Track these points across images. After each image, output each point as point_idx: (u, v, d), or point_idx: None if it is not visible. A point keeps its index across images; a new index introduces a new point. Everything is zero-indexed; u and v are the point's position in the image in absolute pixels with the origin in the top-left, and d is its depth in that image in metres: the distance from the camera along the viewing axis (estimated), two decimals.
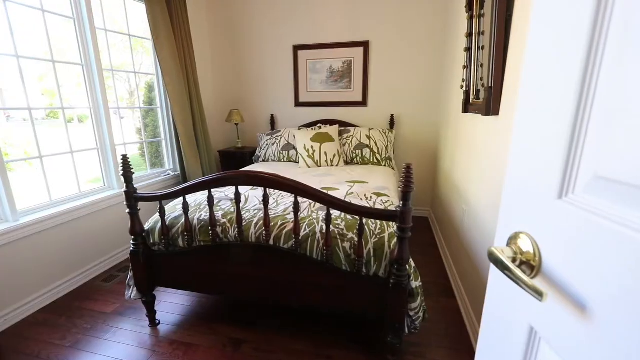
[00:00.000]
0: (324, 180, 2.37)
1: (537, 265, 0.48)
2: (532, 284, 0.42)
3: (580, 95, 0.41)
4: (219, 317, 1.90)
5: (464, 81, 1.95)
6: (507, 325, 0.54)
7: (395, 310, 1.39)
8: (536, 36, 0.50)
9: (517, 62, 1.33)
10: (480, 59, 1.83)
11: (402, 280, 1.35)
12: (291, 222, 1.57)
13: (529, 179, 0.50)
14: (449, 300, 2.06)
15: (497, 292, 0.57)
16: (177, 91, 2.87)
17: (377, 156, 2.99)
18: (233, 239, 1.60)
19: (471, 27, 1.86)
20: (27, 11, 1.99)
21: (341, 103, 3.43)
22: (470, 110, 1.92)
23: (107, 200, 2.43)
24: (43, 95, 2.29)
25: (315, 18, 3.31)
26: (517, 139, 0.53)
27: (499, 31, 1.44)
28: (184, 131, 2.96)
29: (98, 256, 2.41)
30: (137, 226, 1.68)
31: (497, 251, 0.49)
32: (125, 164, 1.59)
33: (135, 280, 1.75)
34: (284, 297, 1.59)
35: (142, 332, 1.80)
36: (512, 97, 1.37)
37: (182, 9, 2.92)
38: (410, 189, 1.26)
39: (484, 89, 1.59)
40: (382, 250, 1.43)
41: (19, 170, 2.10)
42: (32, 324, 1.86)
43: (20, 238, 1.89)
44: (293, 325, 1.81)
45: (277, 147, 3.22)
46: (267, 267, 1.56)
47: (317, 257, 1.50)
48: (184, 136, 2.97)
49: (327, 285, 1.49)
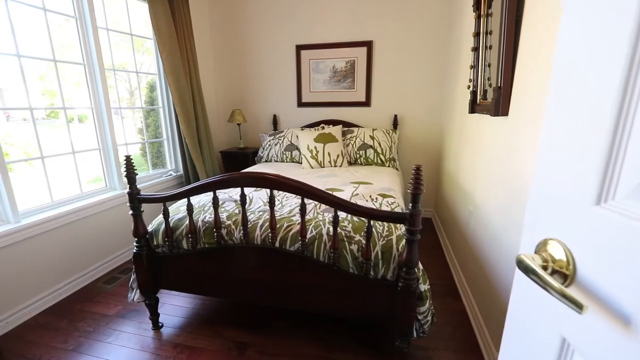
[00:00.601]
0: (329, 181, 2.35)
1: (570, 274, 0.45)
2: (571, 295, 0.40)
3: (622, 98, 0.39)
4: (223, 320, 1.88)
5: (471, 81, 1.93)
6: (535, 335, 0.52)
7: (403, 314, 1.37)
8: (568, 36, 0.48)
9: (528, 62, 1.31)
10: (487, 59, 1.81)
11: (411, 284, 1.33)
12: (297, 224, 1.54)
13: (560, 184, 0.48)
14: (454, 302, 2.04)
15: (523, 300, 0.55)
16: (180, 91, 2.85)
17: (381, 157, 2.96)
18: (238, 241, 1.58)
19: (479, 26, 1.84)
20: (28, 10, 1.97)
21: (344, 103, 3.41)
22: (477, 110, 1.90)
23: (109, 201, 2.40)
24: (43, 95, 2.26)
25: (318, 17, 3.29)
26: (545, 144, 0.51)
27: (509, 31, 1.42)
28: (188, 132, 2.94)
29: (99, 258, 2.38)
30: (140, 228, 1.66)
31: (527, 259, 0.47)
32: (128, 164, 1.57)
33: (139, 282, 1.73)
34: (290, 301, 1.57)
35: (145, 335, 1.78)
36: (522, 97, 1.35)
37: (184, 8, 2.90)
38: (420, 191, 1.24)
39: (492, 89, 1.57)
40: (390, 252, 1.41)
41: (19, 170, 2.07)
42: (34, 327, 1.84)
43: (22, 240, 1.86)
44: (299, 328, 1.79)
45: (280, 148, 3.19)
46: (273, 270, 1.54)
47: (324, 260, 1.47)
48: (188, 136, 2.94)
49: (334, 288, 1.47)
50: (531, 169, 1.23)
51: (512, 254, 1.34)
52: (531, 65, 1.25)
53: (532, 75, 1.24)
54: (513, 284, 0.58)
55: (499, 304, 1.46)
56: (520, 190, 1.31)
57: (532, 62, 1.26)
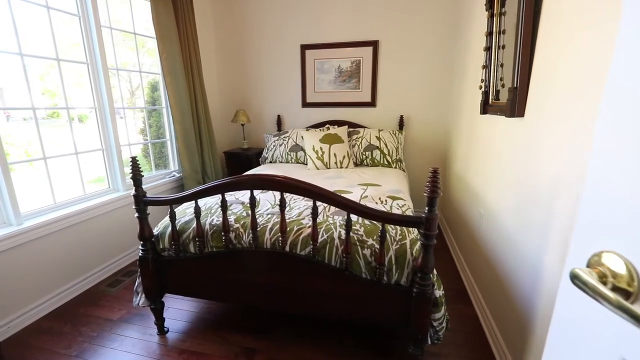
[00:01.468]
0: (336, 183, 2.31)
1: (635, 292, 0.42)
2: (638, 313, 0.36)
3: None
4: (229, 325, 1.84)
5: (483, 81, 1.89)
6: (588, 355, 0.48)
7: (418, 320, 1.33)
8: (630, 32, 0.44)
9: (546, 61, 1.27)
10: (500, 59, 1.77)
11: (427, 290, 1.29)
12: (307, 228, 1.51)
13: (622, 193, 0.44)
14: (465, 307, 2.00)
15: (574, 317, 0.51)
16: (178, 92, 2.81)
17: (388, 158, 2.93)
18: (247, 244, 1.54)
19: (491, 25, 1.80)
20: (31, 8, 1.93)
21: (349, 104, 3.37)
22: (489, 111, 1.86)
23: (112, 203, 2.36)
24: (43, 94, 2.22)
25: (323, 17, 3.25)
26: (601, 151, 0.47)
27: (526, 28, 1.38)
28: (181, 133, 2.89)
29: (102, 260, 2.34)
30: (146, 231, 1.62)
31: (584, 274, 0.43)
32: (134, 166, 1.53)
33: (144, 286, 1.69)
34: (301, 306, 1.53)
35: (150, 340, 1.74)
36: (540, 98, 1.31)
37: (188, 7, 2.86)
38: (437, 194, 1.20)
39: (507, 89, 1.53)
40: (404, 257, 1.37)
41: (19, 170, 2.02)
42: (37, 332, 1.80)
43: (24, 242, 1.82)
44: (308, 334, 1.75)
45: (285, 148, 3.15)
46: (283, 274, 1.50)
47: (336, 265, 1.43)
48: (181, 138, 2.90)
49: (346, 293, 1.43)
50: (552, 170, 1.19)
51: (531, 258, 1.30)
52: (553, 64, 1.21)
53: (554, 75, 1.20)
54: (558, 299, 0.54)
55: (515, 310, 1.42)
56: (539, 192, 1.28)
57: (553, 61, 1.22)
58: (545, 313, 1.18)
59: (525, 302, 1.34)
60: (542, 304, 1.21)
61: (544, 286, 1.20)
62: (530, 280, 1.29)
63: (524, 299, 1.35)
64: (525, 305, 1.34)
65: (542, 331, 1.20)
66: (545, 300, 1.19)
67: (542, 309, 1.20)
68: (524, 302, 1.34)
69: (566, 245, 1.05)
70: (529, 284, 1.31)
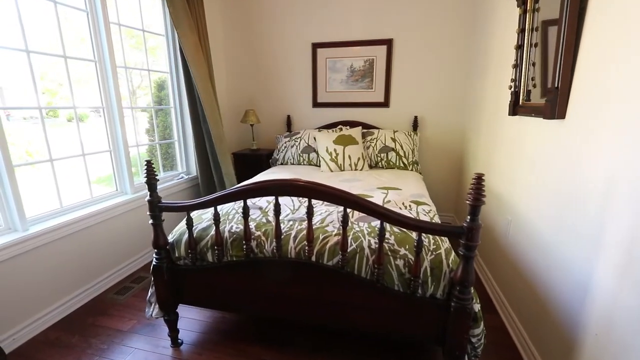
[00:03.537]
0: (354, 186, 2.22)
1: None
2: None
3: None
4: (245, 336, 1.75)
5: (514, 81, 1.80)
6: None
7: (456, 337, 1.24)
8: None
9: (594, 60, 1.18)
10: (532, 58, 1.68)
11: (467, 304, 1.20)
12: (334, 236, 1.42)
13: None
14: (491, 316, 1.91)
15: None
16: (205, 88, 2.75)
17: (404, 160, 2.84)
18: (269, 254, 1.45)
19: (524, 22, 1.71)
20: (36, 3, 1.83)
21: (361, 104, 3.28)
22: (519, 112, 1.77)
23: (121, 207, 2.26)
24: (44, 94, 2.11)
25: (335, 14, 3.15)
26: None
27: (570, 25, 1.29)
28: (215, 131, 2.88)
29: (110, 267, 2.25)
30: (161, 238, 1.53)
31: None
32: (149, 170, 1.44)
33: (158, 297, 1.60)
34: (327, 318, 1.44)
35: (164, 353, 1.65)
36: (584, 99, 1.22)
37: (198, 3, 2.76)
38: (481, 202, 1.11)
39: (547, 89, 1.45)
40: (440, 268, 1.28)
41: (21, 172, 1.91)
42: (43, 344, 1.70)
43: (30, 249, 1.73)
44: (330, 346, 1.66)
45: (297, 150, 3.06)
46: (308, 286, 1.41)
47: (366, 276, 1.34)
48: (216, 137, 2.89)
49: (377, 307, 1.34)
50: (599, 176, 1.10)
51: (577, 273, 1.21)
52: (607, 64, 1.12)
53: (604, 76, 1.12)
54: None
55: (556, 324, 1.33)
56: (583, 200, 1.19)
57: (606, 60, 1.13)
58: (596, 330, 1.10)
59: (568, 318, 1.25)
60: (593, 321, 1.12)
61: (595, 304, 1.11)
62: (577, 296, 1.21)
63: (566, 314, 1.26)
64: (568, 320, 1.25)
65: (592, 349, 1.11)
66: (596, 318, 1.10)
67: (594, 327, 1.11)
68: (567, 318, 1.26)
69: (627, 264, 0.97)
70: (574, 299, 1.22)
